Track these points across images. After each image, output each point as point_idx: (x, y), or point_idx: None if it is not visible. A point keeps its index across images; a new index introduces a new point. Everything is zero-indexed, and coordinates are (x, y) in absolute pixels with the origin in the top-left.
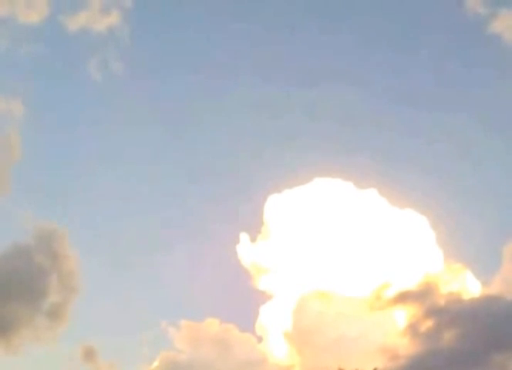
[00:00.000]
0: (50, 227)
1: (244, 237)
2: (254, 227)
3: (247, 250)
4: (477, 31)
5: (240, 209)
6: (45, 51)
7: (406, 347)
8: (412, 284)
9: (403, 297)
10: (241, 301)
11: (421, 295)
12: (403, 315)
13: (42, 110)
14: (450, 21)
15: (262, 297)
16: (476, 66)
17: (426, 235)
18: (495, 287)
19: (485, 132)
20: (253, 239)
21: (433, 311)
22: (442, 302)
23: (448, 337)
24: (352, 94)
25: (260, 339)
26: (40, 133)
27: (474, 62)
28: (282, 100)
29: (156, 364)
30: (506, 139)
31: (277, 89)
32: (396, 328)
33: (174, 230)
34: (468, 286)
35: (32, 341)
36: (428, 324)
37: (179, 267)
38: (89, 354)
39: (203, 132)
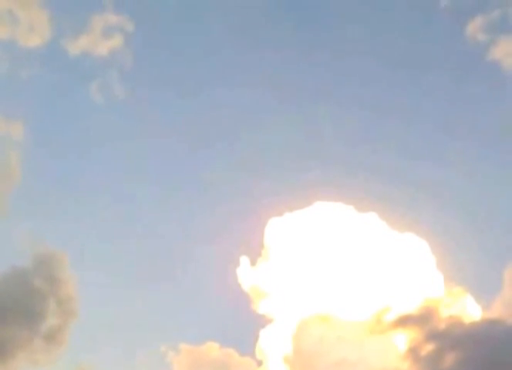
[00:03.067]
0: (49, 250)
1: (244, 260)
2: (255, 251)
3: (247, 274)
4: (477, 58)
5: (240, 232)
6: (46, 74)
7: None
8: (412, 307)
9: (404, 321)
10: (241, 325)
11: (421, 319)
12: (404, 339)
13: (43, 133)
14: (450, 47)
15: (262, 321)
16: (475, 92)
17: (426, 259)
18: (496, 311)
19: (486, 156)
20: (253, 262)
21: (434, 335)
22: (442, 326)
23: (449, 360)
24: (354, 116)
25: (260, 363)
26: (40, 156)
27: (473, 88)
28: (282, 122)
29: None
30: (506, 163)
31: (278, 109)
32: (397, 352)
33: (174, 252)
34: (469, 310)
35: (30, 364)
36: (429, 347)
37: (178, 290)
38: None
39: (203, 155)
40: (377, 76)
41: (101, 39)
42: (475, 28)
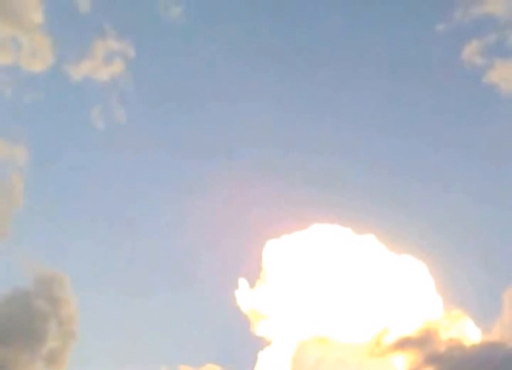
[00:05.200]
0: (50, 272)
1: (242, 282)
2: (253, 273)
3: (245, 296)
4: (474, 82)
5: (238, 254)
6: (48, 99)
7: None
8: (411, 330)
9: (403, 344)
10: (240, 347)
11: (421, 342)
12: (403, 362)
13: (45, 157)
14: (447, 71)
15: (261, 343)
16: (472, 115)
17: (425, 281)
18: (495, 334)
19: (484, 178)
20: (252, 285)
21: (433, 358)
22: (442, 349)
23: None
24: (352, 133)
25: None
26: (42, 180)
27: (470, 111)
28: (279, 141)
29: None
30: (504, 185)
31: (273, 126)
32: None
33: (173, 274)
34: (468, 332)
35: None
36: None
37: (178, 312)
38: None
39: (200, 178)
40: (374, 98)
41: (102, 65)
42: (471, 51)
